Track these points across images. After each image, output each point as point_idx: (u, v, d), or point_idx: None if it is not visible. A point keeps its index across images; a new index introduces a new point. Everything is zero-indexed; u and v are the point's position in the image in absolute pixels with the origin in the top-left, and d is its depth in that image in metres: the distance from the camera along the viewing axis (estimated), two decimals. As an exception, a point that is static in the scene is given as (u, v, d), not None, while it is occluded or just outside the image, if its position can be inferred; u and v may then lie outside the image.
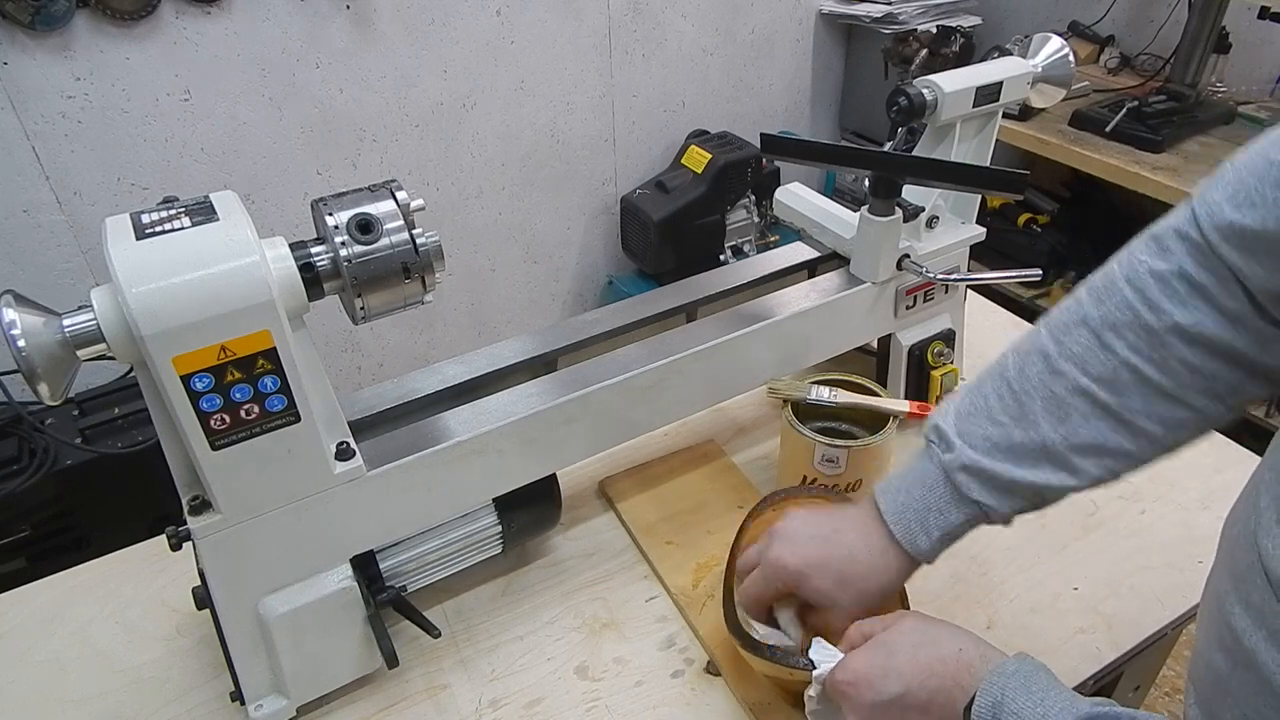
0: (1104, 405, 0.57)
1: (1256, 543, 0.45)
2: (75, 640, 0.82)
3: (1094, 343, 0.58)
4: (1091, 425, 0.58)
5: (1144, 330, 0.56)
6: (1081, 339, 0.58)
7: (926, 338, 0.98)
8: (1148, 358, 0.56)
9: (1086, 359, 0.58)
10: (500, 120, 2.17)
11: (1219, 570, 0.51)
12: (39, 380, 0.53)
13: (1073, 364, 0.58)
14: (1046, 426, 0.59)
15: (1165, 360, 0.55)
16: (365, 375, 2.30)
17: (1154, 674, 1.01)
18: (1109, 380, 0.57)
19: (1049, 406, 0.59)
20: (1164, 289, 0.55)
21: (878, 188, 0.85)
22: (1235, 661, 0.46)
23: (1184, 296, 0.55)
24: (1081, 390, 0.58)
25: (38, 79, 1.60)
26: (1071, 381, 0.58)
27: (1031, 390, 0.60)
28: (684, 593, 0.83)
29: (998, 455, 0.60)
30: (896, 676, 0.55)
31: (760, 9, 2.46)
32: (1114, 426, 0.58)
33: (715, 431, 1.04)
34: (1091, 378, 0.58)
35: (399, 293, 0.62)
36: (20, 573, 1.38)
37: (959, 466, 0.61)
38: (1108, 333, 0.57)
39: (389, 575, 0.75)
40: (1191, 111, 2.07)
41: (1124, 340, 0.57)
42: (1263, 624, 0.44)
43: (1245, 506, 0.49)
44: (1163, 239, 0.57)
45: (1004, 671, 0.52)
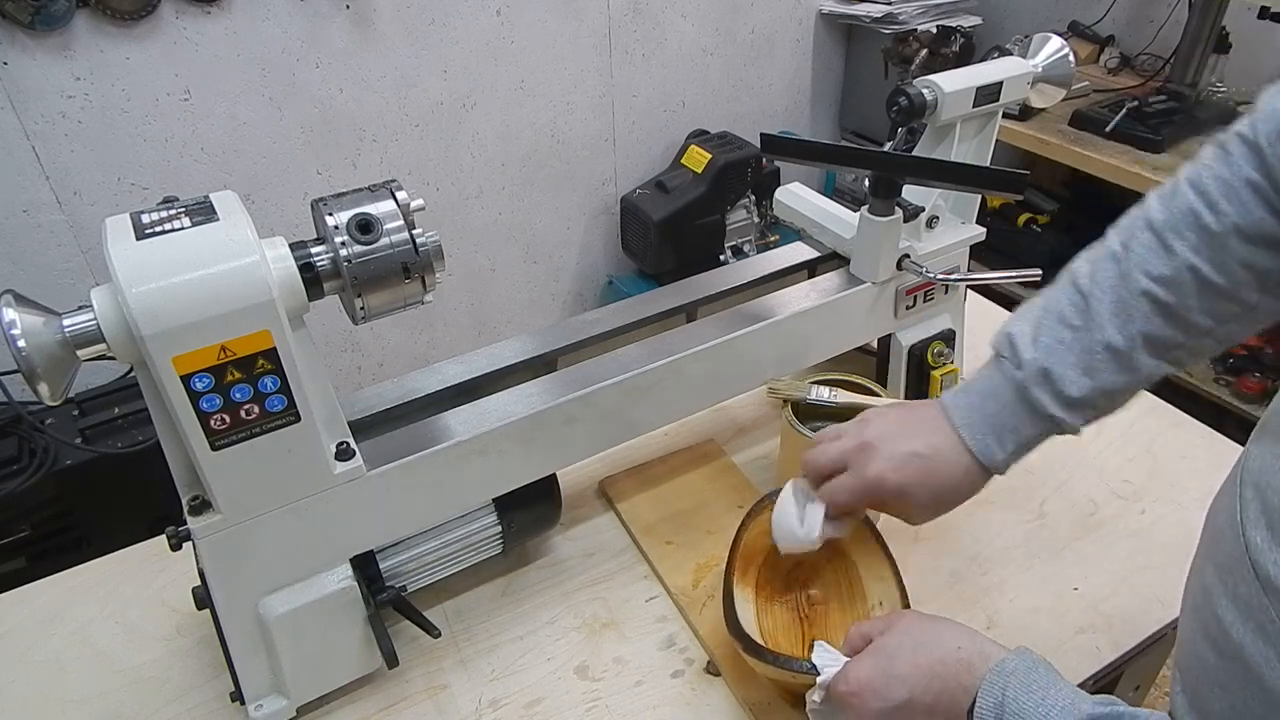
0: (1164, 304, 0.59)
1: (1243, 535, 0.45)
2: (75, 640, 0.82)
3: (1157, 244, 0.60)
4: (1152, 322, 0.60)
5: (1204, 231, 0.58)
6: (1146, 240, 0.61)
7: (926, 338, 0.98)
8: (1207, 258, 0.58)
9: (1149, 260, 0.60)
10: (500, 120, 2.17)
11: (1204, 561, 0.51)
12: (39, 380, 0.53)
13: (1136, 266, 0.60)
14: (1112, 329, 0.61)
15: (1225, 261, 0.57)
16: (365, 375, 2.30)
17: (1154, 674, 1.01)
18: (1169, 280, 0.59)
19: (1116, 309, 0.61)
20: (1225, 191, 0.57)
21: (878, 188, 0.85)
22: (1222, 654, 0.46)
23: (1244, 199, 0.56)
24: (1144, 291, 0.60)
25: (38, 79, 1.60)
26: (1135, 283, 0.60)
27: (1100, 294, 0.62)
28: (684, 593, 0.83)
29: (1070, 362, 0.61)
30: (900, 682, 0.55)
31: (760, 9, 2.46)
32: (1169, 321, 0.60)
33: (715, 431, 1.04)
34: (1153, 278, 0.59)
35: (399, 293, 0.62)
36: (20, 573, 1.38)
37: (1034, 380, 0.62)
38: (1170, 234, 0.59)
39: (389, 575, 0.75)
40: (1191, 111, 2.07)
41: (1185, 241, 0.59)
42: (1250, 617, 0.44)
43: (1229, 496, 0.49)
44: (1227, 144, 0.59)
45: (1004, 669, 0.52)
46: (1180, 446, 1.02)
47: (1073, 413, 0.62)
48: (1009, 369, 0.64)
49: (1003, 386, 0.64)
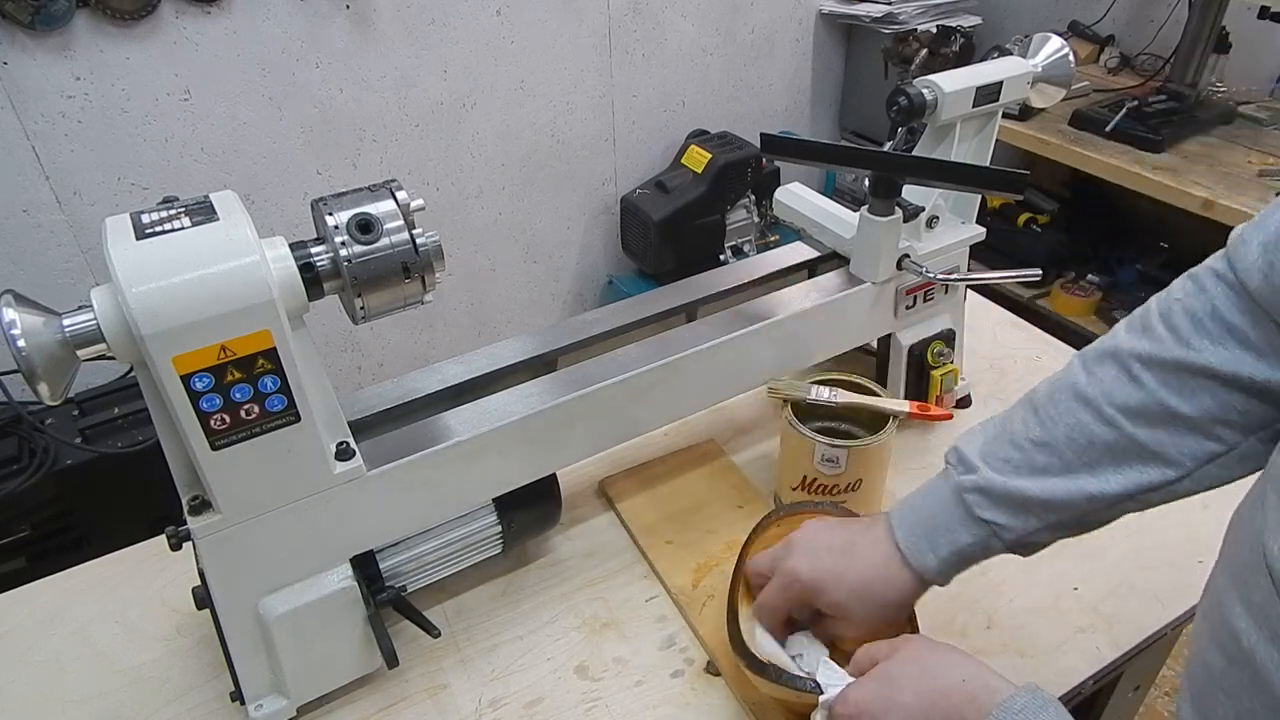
0: (1130, 436, 0.57)
1: (1262, 543, 0.44)
2: (75, 640, 0.82)
3: (1123, 374, 0.58)
4: (1117, 455, 0.58)
5: (1177, 367, 0.56)
6: (1111, 371, 0.59)
7: (926, 338, 0.98)
8: (1179, 393, 0.56)
9: (1115, 391, 0.58)
10: (500, 120, 2.17)
11: (1220, 568, 0.50)
12: (39, 380, 0.53)
13: (1102, 395, 0.59)
14: (1069, 453, 0.59)
15: (1196, 397, 0.55)
16: (365, 375, 2.30)
17: (1154, 674, 1.01)
18: (1136, 411, 0.57)
19: (1073, 434, 0.59)
20: (1196, 327, 0.55)
21: (878, 188, 0.85)
22: (1231, 660, 0.46)
23: (1216, 335, 0.55)
24: (1109, 420, 0.58)
25: (38, 79, 1.60)
26: (1098, 411, 0.58)
27: (1057, 417, 0.60)
28: (684, 593, 0.83)
29: (1015, 476, 0.61)
30: (901, 710, 0.54)
31: (760, 9, 2.46)
32: (1139, 457, 0.58)
33: (715, 431, 1.04)
34: (1118, 408, 0.58)
35: (399, 293, 0.62)
36: (20, 573, 1.38)
37: (972, 486, 0.62)
38: (1137, 365, 0.58)
39: (389, 575, 0.75)
40: (1191, 111, 2.07)
41: (1154, 375, 0.57)
42: (1265, 624, 0.43)
43: (1252, 505, 0.48)
44: (1200, 278, 0.57)
45: (1010, 708, 0.50)
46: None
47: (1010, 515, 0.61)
48: (953, 474, 0.64)
49: (943, 490, 0.64)
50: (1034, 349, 1.18)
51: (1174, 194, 1.85)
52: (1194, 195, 1.81)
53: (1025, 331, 1.23)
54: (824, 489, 0.85)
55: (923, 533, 0.64)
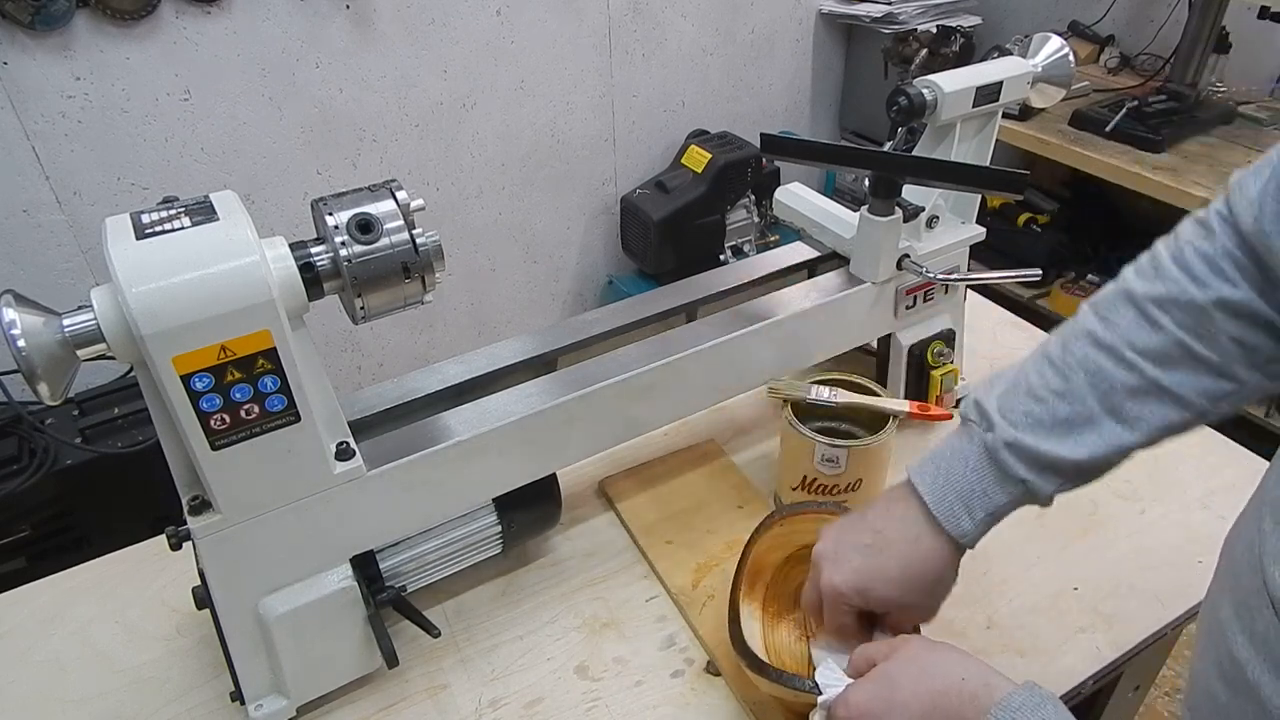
0: (1151, 379, 0.58)
1: (1262, 568, 0.43)
2: (75, 640, 0.82)
3: (1140, 318, 0.58)
4: (1139, 399, 0.58)
5: (1191, 306, 0.57)
6: (1128, 315, 0.59)
7: (926, 338, 0.98)
8: (1195, 333, 0.57)
9: (1133, 334, 0.58)
10: (500, 120, 2.17)
11: (1220, 594, 0.49)
12: (39, 380, 0.53)
13: (1120, 339, 0.59)
14: (1092, 400, 0.59)
15: (1213, 335, 0.56)
16: (365, 375, 2.30)
17: (1154, 674, 1.01)
18: (1157, 353, 0.58)
19: (1094, 380, 0.59)
20: (1210, 267, 0.56)
21: (878, 188, 0.85)
22: (1236, 691, 0.45)
23: (1228, 274, 0.56)
24: (1129, 364, 0.58)
25: (38, 79, 1.60)
26: (1118, 356, 0.59)
27: (1075, 365, 0.60)
28: (684, 592, 0.83)
29: (1041, 431, 0.60)
30: (900, 710, 0.54)
31: (760, 9, 2.46)
32: (1161, 400, 0.58)
33: (715, 431, 1.04)
34: (1138, 351, 0.58)
35: (399, 293, 0.62)
36: (20, 573, 1.38)
37: (1003, 444, 0.60)
38: (1154, 308, 0.58)
39: (389, 575, 0.75)
40: (1191, 111, 2.07)
41: (1171, 316, 0.57)
42: (1268, 655, 0.43)
43: (1249, 527, 0.47)
44: (1207, 221, 0.58)
45: (1009, 705, 0.50)
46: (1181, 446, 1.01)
47: (1044, 477, 0.60)
48: (978, 433, 0.62)
49: (972, 452, 0.62)
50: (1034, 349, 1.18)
51: (1174, 194, 1.85)
52: (1194, 195, 1.81)
53: (1025, 331, 1.23)
54: (824, 489, 0.85)
55: (956, 497, 0.62)
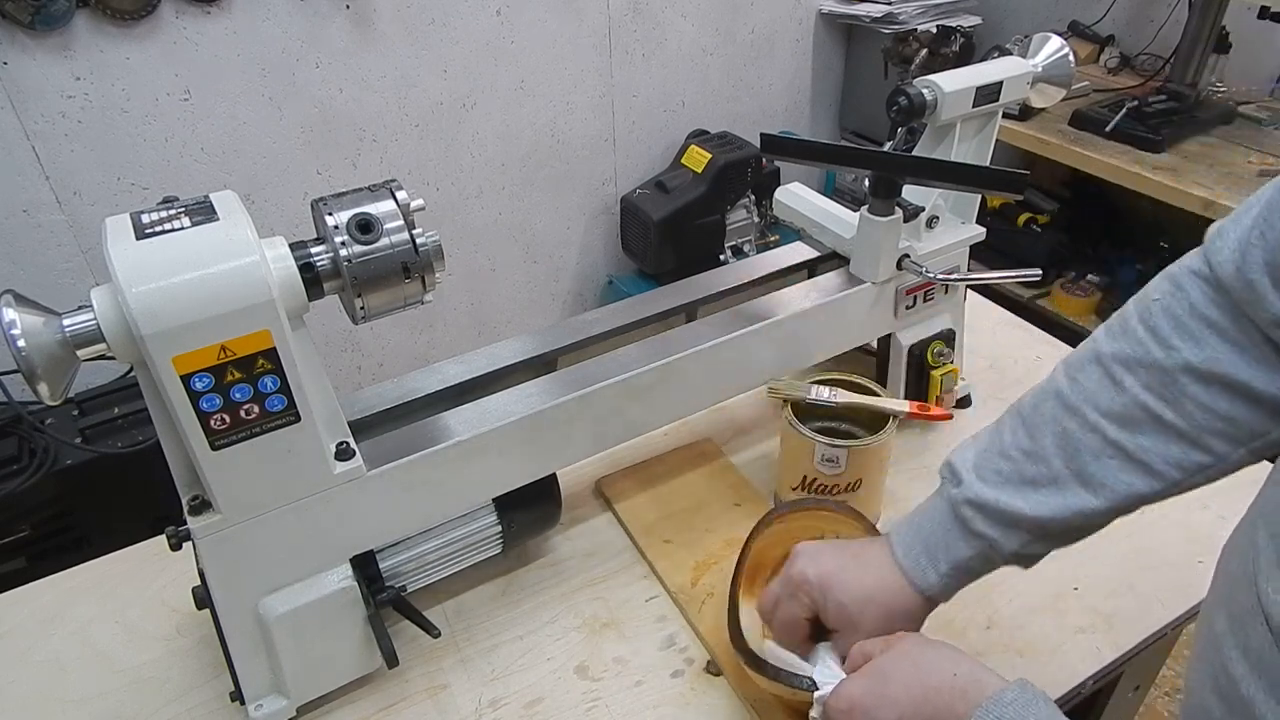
0: (1115, 443, 0.57)
1: (1256, 583, 0.43)
2: (75, 640, 0.82)
3: (1105, 378, 0.58)
4: (1102, 462, 0.57)
5: (1156, 368, 0.55)
6: (1094, 375, 0.58)
7: (926, 338, 0.98)
8: (1160, 396, 0.55)
9: (1098, 395, 0.58)
10: (500, 120, 2.17)
11: (1215, 609, 0.49)
12: (39, 380, 0.53)
13: (1084, 400, 0.58)
14: (1057, 462, 0.59)
15: (1178, 400, 0.55)
16: (365, 375, 2.30)
17: (1154, 674, 1.01)
18: (1120, 416, 0.57)
19: (1060, 442, 0.59)
20: (1175, 326, 0.55)
21: (878, 188, 0.85)
22: (1231, 709, 0.44)
23: (1195, 332, 0.54)
24: (1092, 426, 0.57)
25: (38, 79, 1.60)
26: (1083, 418, 0.58)
27: (1043, 425, 0.60)
28: (683, 591, 0.83)
29: (1007, 489, 0.60)
30: (891, 705, 0.55)
31: (760, 9, 2.46)
32: (1125, 465, 0.57)
33: (715, 431, 1.04)
34: (1102, 413, 0.57)
35: (399, 293, 0.62)
36: (20, 573, 1.38)
37: (964, 500, 0.62)
38: (1119, 369, 0.57)
39: (389, 575, 0.75)
40: (1191, 111, 2.07)
41: (1136, 377, 0.56)
42: (1262, 672, 0.42)
43: (1243, 541, 0.47)
44: (1176, 277, 0.57)
45: (1001, 700, 0.50)
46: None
47: (1006, 534, 0.60)
48: (947, 489, 0.64)
49: (940, 506, 0.64)
50: (1034, 349, 1.18)
51: (1174, 194, 1.85)
52: (1194, 195, 1.81)
53: (1025, 331, 1.23)
54: (824, 489, 0.85)
55: (922, 549, 0.64)
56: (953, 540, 0.62)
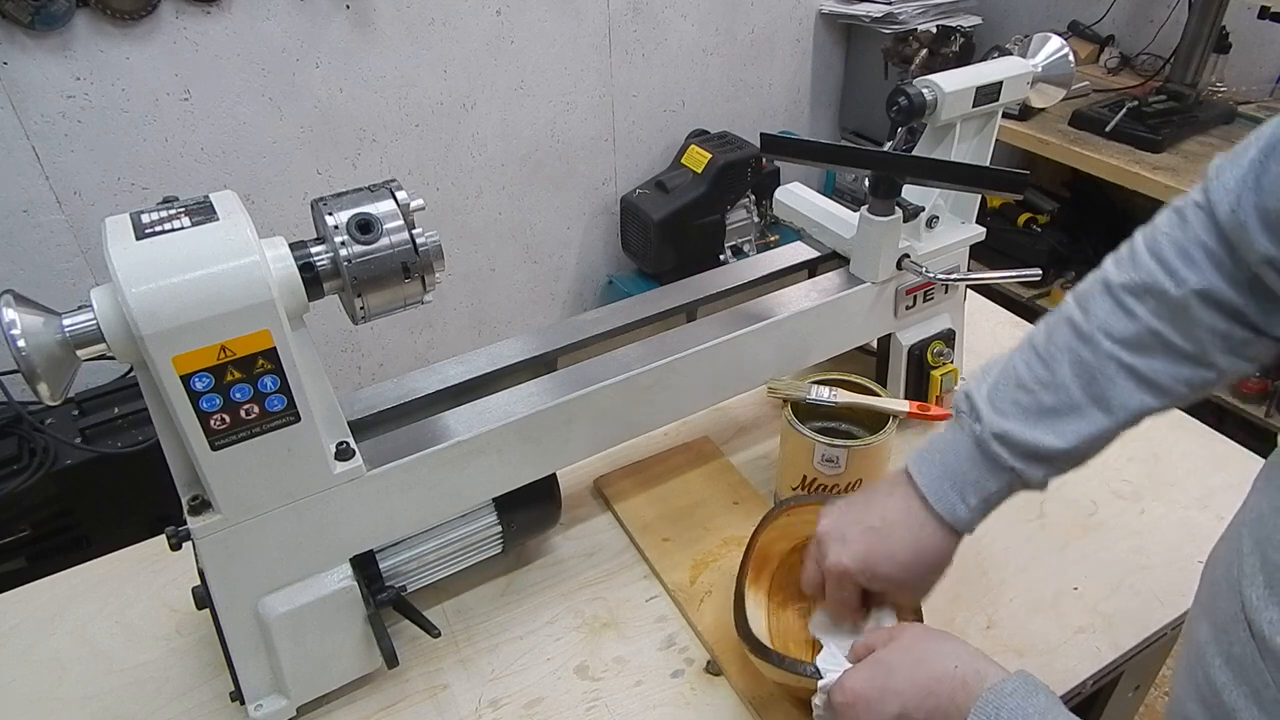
0: (1129, 367, 0.59)
1: (1240, 591, 0.43)
2: (75, 640, 0.82)
3: (1116, 307, 0.59)
4: (1119, 387, 0.59)
5: (1164, 296, 0.57)
6: (1105, 305, 0.60)
7: (926, 337, 0.98)
8: (1169, 322, 0.57)
9: (1111, 323, 0.59)
10: (500, 120, 2.17)
11: (1199, 617, 0.49)
12: (39, 380, 0.53)
13: (1098, 328, 0.60)
14: (1075, 389, 0.60)
15: (1186, 325, 0.57)
16: (365, 375, 2.30)
17: (1154, 674, 1.01)
18: (1133, 343, 0.58)
19: (1076, 370, 0.60)
20: (1181, 256, 0.57)
21: (878, 188, 0.85)
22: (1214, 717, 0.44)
23: (1198, 261, 0.56)
24: (1108, 354, 0.59)
25: (38, 79, 1.60)
26: (1097, 345, 0.60)
27: (1058, 354, 0.61)
28: (681, 589, 0.83)
29: (1029, 421, 0.61)
30: (894, 696, 0.55)
31: (760, 9, 2.46)
32: (1139, 386, 0.59)
33: (715, 430, 1.04)
34: (1115, 340, 0.59)
35: (399, 293, 0.62)
36: (20, 573, 1.38)
37: (992, 435, 0.62)
38: (1129, 298, 0.59)
39: (389, 575, 0.75)
40: (1191, 111, 2.07)
41: (1145, 305, 0.58)
42: (1244, 680, 0.42)
43: (1228, 549, 0.47)
44: (1182, 210, 0.59)
45: (1002, 690, 0.51)
46: (1180, 446, 1.02)
47: (1032, 465, 0.61)
48: (968, 424, 0.64)
49: (963, 442, 0.64)
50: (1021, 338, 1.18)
51: (1174, 194, 1.82)
52: (1194, 195, 1.81)
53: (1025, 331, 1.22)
54: (824, 489, 0.85)
55: (951, 485, 0.63)
56: (980, 474, 0.63)
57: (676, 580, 0.84)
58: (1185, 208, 0.58)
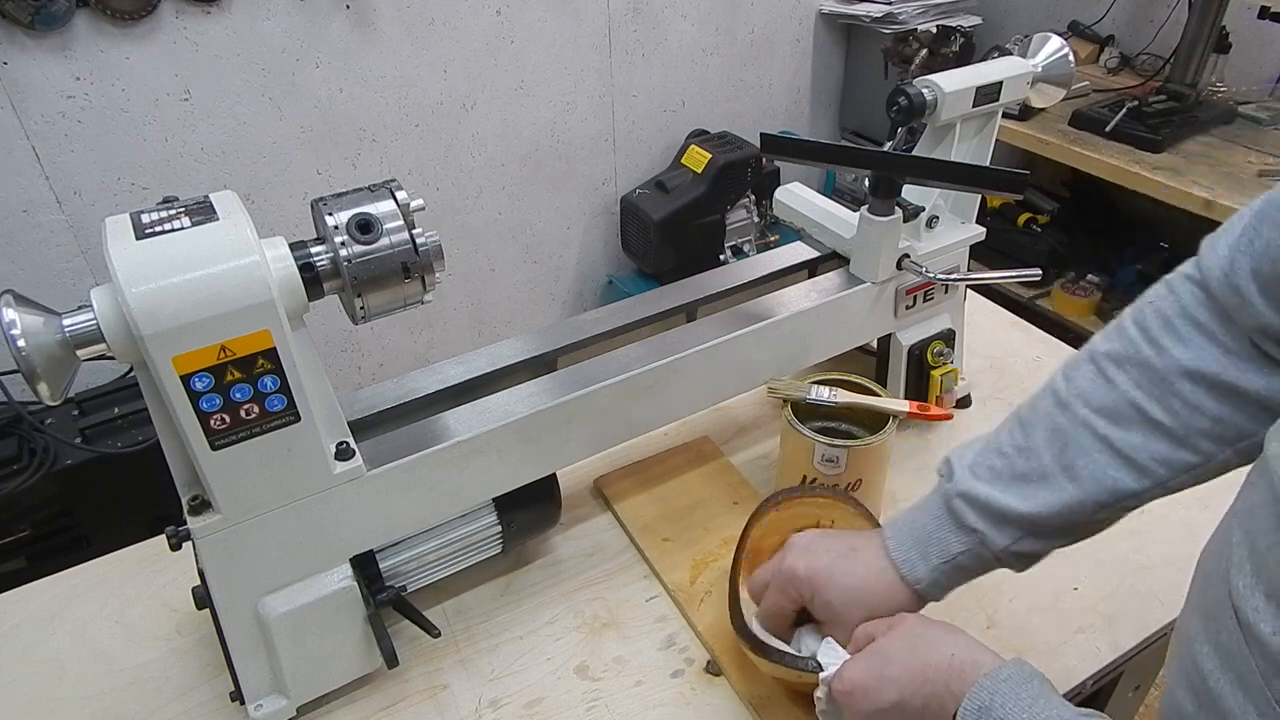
0: (1104, 438, 0.58)
1: (1228, 580, 0.44)
2: (75, 640, 0.82)
3: (1097, 375, 0.59)
4: (1090, 457, 0.58)
5: (1146, 366, 0.57)
6: (1088, 373, 0.60)
7: (926, 337, 0.98)
8: (1150, 394, 0.57)
9: (1089, 391, 0.59)
10: (500, 120, 2.17)
11: (1191, 608, 0.50)
12: (39, 380, 0.53)
13: (1077, 396, 0.60)
14: (1047, 456, 0.60)
15: (1166, 398, 0.56)
16: (365, 375, 2.30)
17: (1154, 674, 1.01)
18: (1110, 412, 0.58)
19: (1051, 437, 0.60)
20: (1165, 326, 0.57)
21: (878, 188, 0.85)
22: (1201, 703, 0.45)
23: (1184, 333, 0.56)
24: (1083, 422, 0.59)
25: (38, 79, 1.60)
26: (1073, 413, 0.59)
27: (1036, 422, 0.61)
28: (681, 589, 0.83)
29: (998, 484, 0.61)
30: (891, 684, 0.56)
31: (760, 9, 2.46)
32: (1112, 460, 0.58)
33: (715, 430, 1.04)
34: (1092, 409, 0.58)
35: (399, 293, 0.62)
36: (20, 573, 1.38)
37: (957, 493, 0.62)
38: (1110, 366, 0.59)
39: (389, 575, 0.75)
40: (1191, 111, 2.07)
41: (1126, 374, 0.58)
42: (1231, 666, 0.42)
43: (1220, 541, 0.48)
44: (1171, 282, 0.58)
45: (996, 676, 0.52)
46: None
47: (997, 529, 0.61)
48: (943, 485, 0.65)
49: (934, 501, 0.65)
50: (1034, 349, 1.18)
51: (1174, 194, 1.85)
52: (1194, 195, 1.81)
53: (1025, 331, 1.23)
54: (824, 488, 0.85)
55: (914, 543, 0.64)
56: (944, 534, 0.63)
57: (676, 580, 0.84)
58: (1174, 280, 0.58)
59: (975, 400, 1.08)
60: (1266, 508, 0.42)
